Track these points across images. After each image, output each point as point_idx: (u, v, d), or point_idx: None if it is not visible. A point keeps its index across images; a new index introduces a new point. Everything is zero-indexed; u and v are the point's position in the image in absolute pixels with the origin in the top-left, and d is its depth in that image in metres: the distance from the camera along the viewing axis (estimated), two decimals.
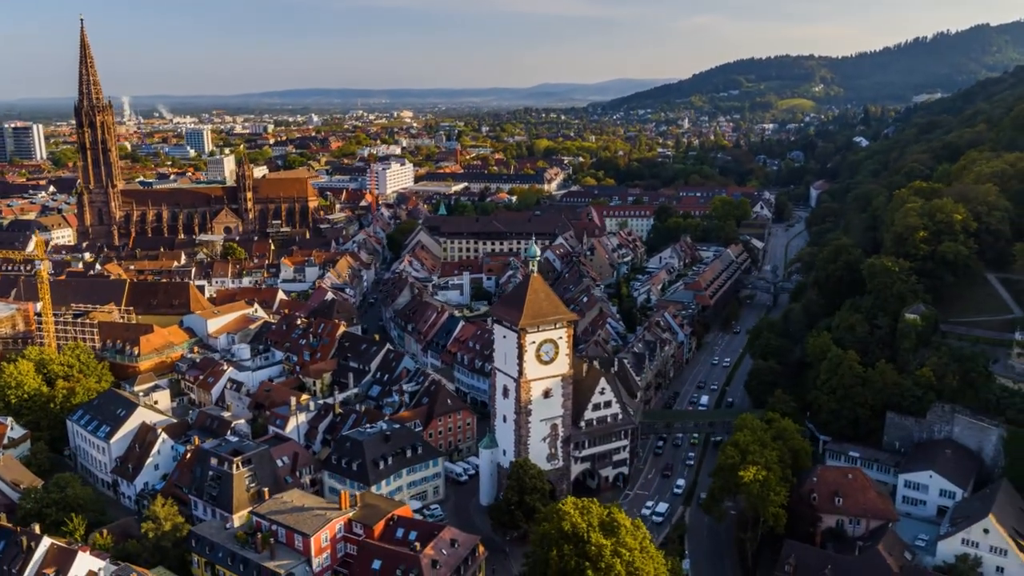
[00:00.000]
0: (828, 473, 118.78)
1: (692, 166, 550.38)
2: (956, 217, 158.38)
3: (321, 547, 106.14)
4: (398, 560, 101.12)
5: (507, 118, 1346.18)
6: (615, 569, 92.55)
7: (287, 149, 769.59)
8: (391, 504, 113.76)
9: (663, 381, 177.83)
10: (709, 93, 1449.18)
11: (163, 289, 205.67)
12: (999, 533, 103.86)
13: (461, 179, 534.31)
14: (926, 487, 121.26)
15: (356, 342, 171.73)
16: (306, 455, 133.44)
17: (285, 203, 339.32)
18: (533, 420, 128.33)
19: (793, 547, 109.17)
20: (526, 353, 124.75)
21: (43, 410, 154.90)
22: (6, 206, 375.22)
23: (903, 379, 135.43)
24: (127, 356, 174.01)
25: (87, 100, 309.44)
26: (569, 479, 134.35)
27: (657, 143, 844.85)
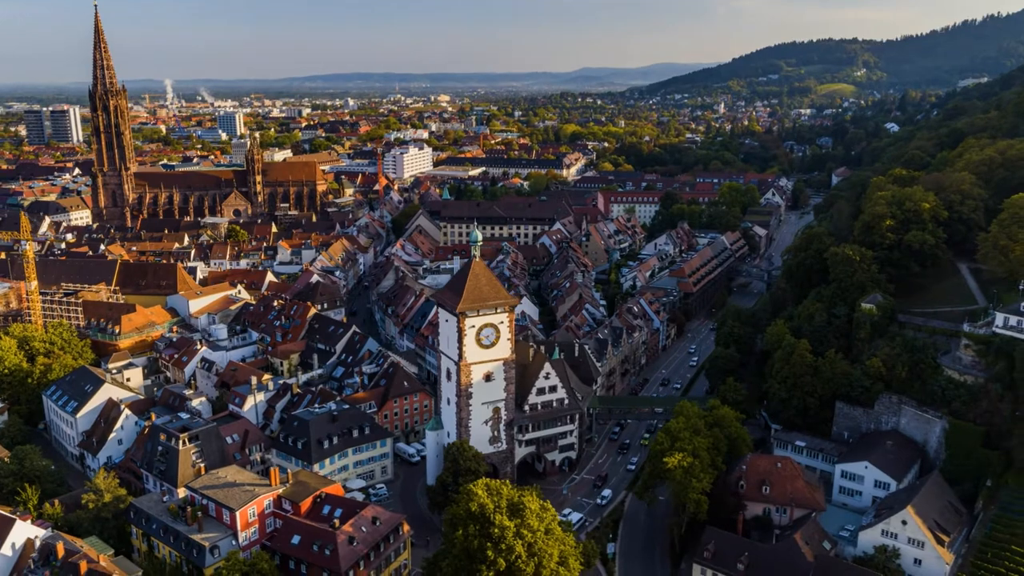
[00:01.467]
0: (758, 461, 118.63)
1: (714, 152, 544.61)
2: (924, 206, 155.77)
3: (248, 521, 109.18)
4: (315, 535, 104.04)
5: (543, 103, 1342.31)
6: (516, 550, 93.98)
7: (316, 133, 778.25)
8: (322, 482, 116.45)
9: (631, 367, 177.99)
10: (748, 77, 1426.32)
11: (152, 270, 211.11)
12: (917, 525, 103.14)
13: (482, 164, 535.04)
14: (862, 478, 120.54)
15: (325, 324, 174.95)
16: (256, 433, 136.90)
17: (294, 186, 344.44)
18: (474, 403, 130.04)
19: (713, 533, 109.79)
20: (466, 337, 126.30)
21: (22, 385, 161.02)
22: (27, 187, 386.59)
23: (852, 369, 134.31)
24: (108, 334, 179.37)
25: (101, 84, 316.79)
26: (513, 462, 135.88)
27: (688, 128, 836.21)
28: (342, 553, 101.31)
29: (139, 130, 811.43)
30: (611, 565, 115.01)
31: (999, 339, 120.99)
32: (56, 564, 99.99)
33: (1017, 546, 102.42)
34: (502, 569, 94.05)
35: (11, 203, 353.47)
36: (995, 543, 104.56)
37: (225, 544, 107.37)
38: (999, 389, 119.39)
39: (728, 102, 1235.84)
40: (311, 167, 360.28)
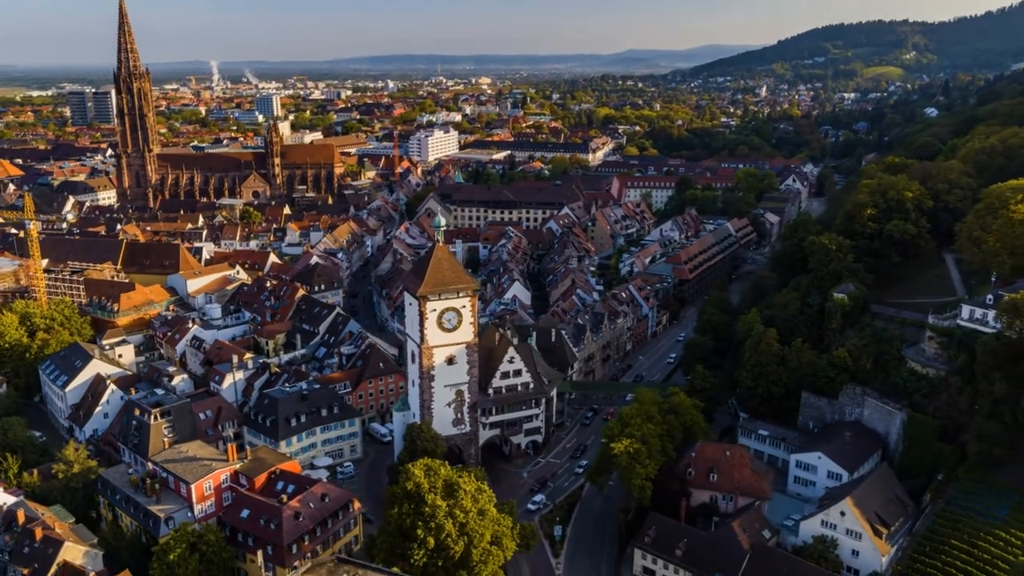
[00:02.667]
0: (707, 449, 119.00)
1: (743, 137, 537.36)
2: (907, 195, 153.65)
3: (204, 495, 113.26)
4: (263, 510, 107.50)
5: (583, 85, 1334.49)
6: (446, 529, 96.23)
7: (351, 115, 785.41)
8: (279, 458, 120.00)
9: (613, 353, 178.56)
10: (793, 60, 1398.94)
11: (156, 250, 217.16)
12: (854, 517, 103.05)
13: (509, 147, 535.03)
14: (815, 468, 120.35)
15: (312, 305, 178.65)
16: (230, 410, 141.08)
17: (312, 169, 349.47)
18: (437, 385, 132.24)
19: (655, 519, 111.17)
20: (427, 320, 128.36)
21: (21, 359, 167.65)
22: (58, 168, 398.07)
23: (818, 359, 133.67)
24: (107, 312, 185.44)
25: (125, 67, 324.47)
26: (477, 444, 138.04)
27: (725, 112, 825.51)
28: (286, 527, 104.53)
29: (179, 111, 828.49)
30: (558, 547, 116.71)
31: (960, 332, 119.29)
32: (16, 530, 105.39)
33: (957, 541, 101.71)
34: (431, 547, 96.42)
35: (41, 183, 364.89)
36: (935, 537, 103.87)
37: (180, 516, 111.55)
38: (959, 382, 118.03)
39: (771, 85, 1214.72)
40: (329, 150, 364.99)
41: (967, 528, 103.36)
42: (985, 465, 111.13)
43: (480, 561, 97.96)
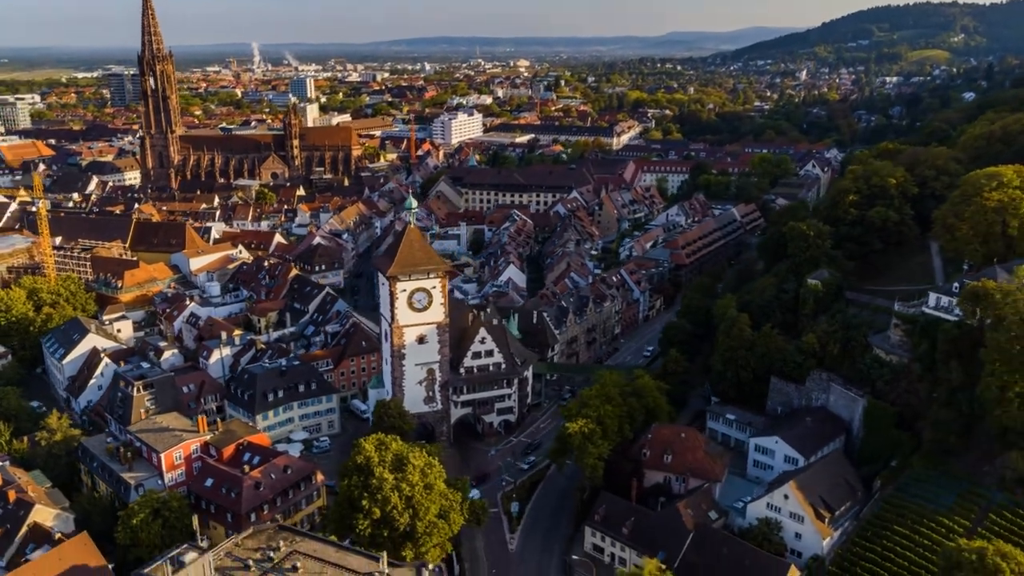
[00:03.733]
0: (662, 431, 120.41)
1: (772, 121, 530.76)
2: (891, 182, 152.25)
3: (174, 464, 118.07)
4: (225, 479, 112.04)
5: (621, 68, 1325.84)
6: (391, 501, 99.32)
7: (383, 97, 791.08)
8: (248, 431, 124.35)
9: (599, 336, 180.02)
10: (836, 43, 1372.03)
11: (163, 229, 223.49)
12: (797, 500, 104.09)
13: (534, 131, 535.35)
14: (773, 452, 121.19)
15: (303, 285, 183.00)
16: (213, 384, 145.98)
17: (330, 151, 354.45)
18: (408, 364, 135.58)
19: (605, 498, 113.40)
20: (397, 300, 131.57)
21: (26, 332, 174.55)
22: (87, 148, 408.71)
23: (787, 345, 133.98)
24: (111, 288, 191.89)
25: (148, 50, 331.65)
26: (449, 422, 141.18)
27: (760, 96, 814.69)
28: (245, 496, 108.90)
29: (215, 93, 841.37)
30: (515, 523, 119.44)
31: (924, 319, 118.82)
32: None
33: (900, 526, 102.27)
34: (377, 517, 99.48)
35: (70, 163, 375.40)
36: (879, 522, 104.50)
37: (151, 483, 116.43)
38: (919, 370, 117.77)
39: (811, 69, 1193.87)
40: (347, 132, 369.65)
41: (912, 514, 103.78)
42: (939, 453, 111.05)
43: (425, 533, 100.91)
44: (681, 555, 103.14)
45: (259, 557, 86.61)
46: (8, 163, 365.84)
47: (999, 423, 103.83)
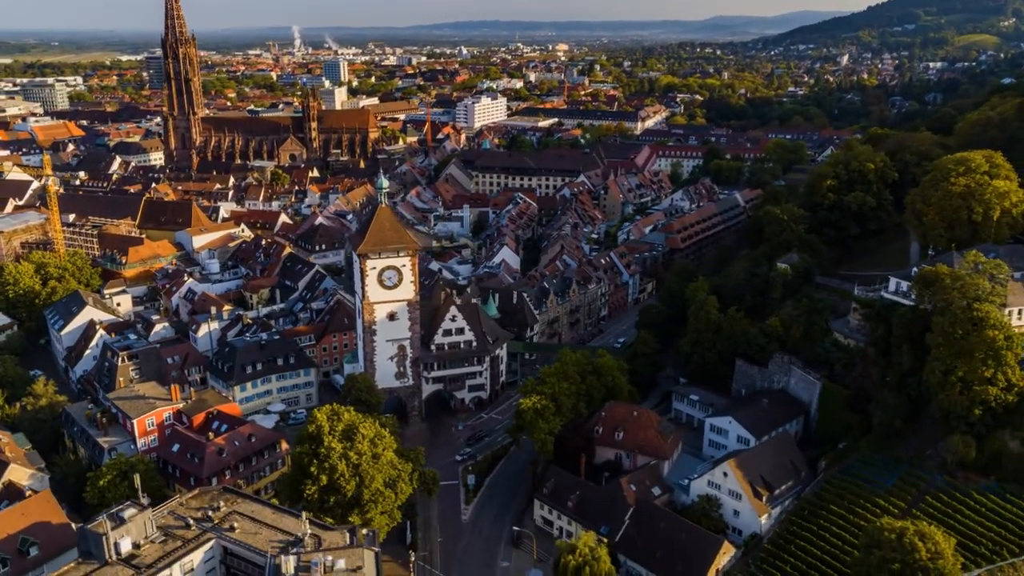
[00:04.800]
0: (616, 409, 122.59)
1: (801, 107, 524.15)
2: (869, 167, 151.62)
3: (146, 430, 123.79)
4: (190, 445, 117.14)
5: (660, 53, 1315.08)
6: (339, 469, 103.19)
7: (415, 81, 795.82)
8: (220, 400, 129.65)
9: (583, 318, 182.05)
10: (880, 27, 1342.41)
11: (171, 207, 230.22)
12: (736, 478, 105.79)
13: (560, 115, 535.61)
14: (727, 432, 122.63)
15: (295, 263, 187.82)
16: (197, 356, 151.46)
17: (347, 133, 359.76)
18: (379, 340, 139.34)
19: (553, 472, 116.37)
20: (367, 277, 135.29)
21: (32, 304, 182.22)
22: (115, 129, 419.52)
23: (751, 328, 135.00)
24: (116, 264, 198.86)
25: (172, 33, 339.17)
26: (420, 397, 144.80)
27: (795, 81, 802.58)
28: (207, 461, 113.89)
29: (251, 76, 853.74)
30: (471, 495, 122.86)
31: (881, 304, 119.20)
32: None
33: (836, 506, 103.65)
34: (324, 484, 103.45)
35: (99, 143, 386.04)
36: (818, 502, 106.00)
37: (123, 448, 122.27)
38: (874, 354, 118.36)
39: (853, 54, 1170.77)
40: (365, 115, 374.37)
41: (850, 495, 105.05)
42: (886, 436, 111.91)
43: (371, 501, 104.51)
44: (622, 529, 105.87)
45: (200, 516, 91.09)
46: (40, 143, 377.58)
47: (942, 407, 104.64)
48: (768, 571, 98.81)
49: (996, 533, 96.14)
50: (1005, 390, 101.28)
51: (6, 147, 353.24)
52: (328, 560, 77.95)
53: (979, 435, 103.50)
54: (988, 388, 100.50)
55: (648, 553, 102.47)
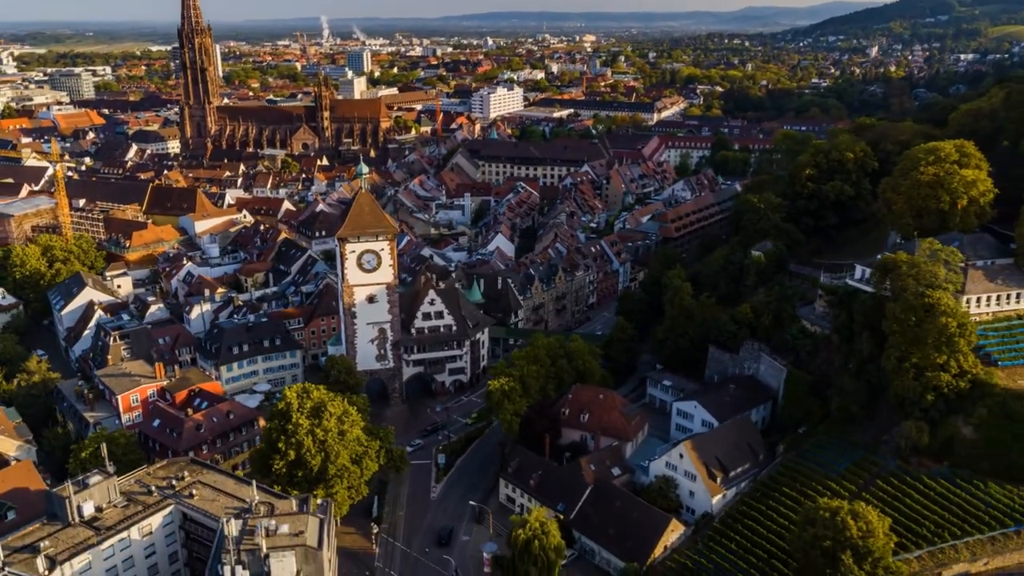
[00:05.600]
0: (582, 392, 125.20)
1: (820, 98, 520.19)
2: (848, 156, 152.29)
3: (131, 406, 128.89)
4: (169, 420, 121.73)
5: (687, 44, 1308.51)
6: (305, 445, 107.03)
7: (437, 72, 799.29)
8: (203, 379, 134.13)
9: (570, 305, 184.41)
10: (912, 18, 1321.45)
11: (176, 193, 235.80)
12: (691, 460, 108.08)
13: (577, 106, 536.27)
14: (692, 416, 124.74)
15: (290, 248, 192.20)
16: (187, 337, 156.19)
17: (359, 123, 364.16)
18: (359, 322, 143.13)
19: (518, 452, 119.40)
20: (347, 260, 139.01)
21: (37, 286, 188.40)
22: (134, 118, 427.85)
23: (722, 314, 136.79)
24: (120, 247, 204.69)
25: (188, 23, 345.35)
26: (401, 379, 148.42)
27: (820, 72, 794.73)
28: (185, 436, 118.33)
29: (276, 67, 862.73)
30: (441, 474, 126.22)
31: (844, 291, 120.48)
32: None
33: (788, 488, 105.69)
34: (291, 459, 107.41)
35: (118, 132, 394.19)
36: (771, 484, 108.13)
37: (108, 422, 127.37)
38: (837, 341, 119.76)
39: (883, 45, 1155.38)
40: (376, 105, 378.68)
41: (803, 478, 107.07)
42: (844, 422, 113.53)
43: (336, 476, 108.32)
44: (578, 507, 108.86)
45: (163, 485, 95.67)
46: (61, 131, 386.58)
47: (897, 393, 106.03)
48: (714, 548, 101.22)
49: (940, 516, 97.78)
50: (958, 376, 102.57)
51: (29, 134, 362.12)
52: (272, 525, 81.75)
53: (933, 421, 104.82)
54: (940, 374, 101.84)
55: (602, 530, 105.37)
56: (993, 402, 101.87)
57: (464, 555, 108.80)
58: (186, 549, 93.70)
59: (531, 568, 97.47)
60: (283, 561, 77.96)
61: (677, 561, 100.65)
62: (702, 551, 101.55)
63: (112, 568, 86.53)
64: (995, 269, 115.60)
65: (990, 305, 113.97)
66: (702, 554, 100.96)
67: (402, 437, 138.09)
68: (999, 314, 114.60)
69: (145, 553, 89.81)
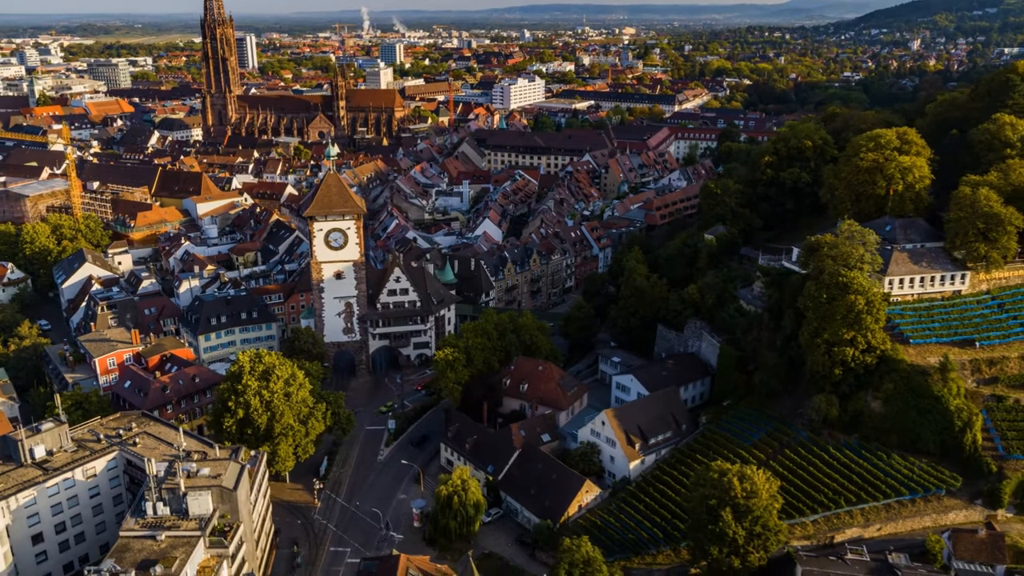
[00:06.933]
0: (524, 364, 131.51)
1: (844, 91, 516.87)
2: (807, 144, 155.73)
3: (107, 368, 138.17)
4: (138, 381, 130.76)
5: (726, 37, 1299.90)
6: (252, 405, 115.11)
7: (468, 63, 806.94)
8: (176, 345, 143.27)
9: (546, 287, 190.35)
10: (959, 11, 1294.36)
11: (184, 177, 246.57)
12: (611, 427, 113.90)
13: (599, 98, 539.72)
14: (629, 388, 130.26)
15: (280, 229, 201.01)
16: (172, 308, 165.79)
17: (374, 112, 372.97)
18: (327, 297, 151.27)
19: (458, 418, 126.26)
20: (315, 238, 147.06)
21: (45, 261, 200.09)
22: (161, 106, 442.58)
23: (670, 295, 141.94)
24: (125, 227, 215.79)
25: (210, 14, 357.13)
26: (367, 351, 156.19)
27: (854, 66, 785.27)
28: (151, 396, 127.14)
29: (311, 58, 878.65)
30: (390, 439, 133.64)
31: (777, 272, 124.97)
32: None
33: (701, 455, 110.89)
34: (240, 417, 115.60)
35: (145, 119, 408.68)
36: (687, 451, 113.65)
37: (87, 383, 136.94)
38: (768, 319, 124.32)
39: (926, 39, 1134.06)
40: (391, 94, 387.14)
41: (717, 445, 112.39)
42: (766, 395, 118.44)
43: (281, 434, 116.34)
44: (506, 469, 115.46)
45: (112, 434, 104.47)
46: (91, 118, 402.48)
47: (811, 368, 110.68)
48: (624, 508, 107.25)
49: (839, 484, 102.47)
50: (865, 352, 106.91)
51: (60, 121, 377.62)
52: (194, 468, 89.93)
53: (844, 395, 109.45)
54: (847, 350, 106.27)
55: (525, 490, 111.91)
56: (899, 377, 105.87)
57: (398, 511, 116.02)
58: (131, 492, 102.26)
59: (451, 521, 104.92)
60: (199, 499, 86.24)
61: (588, 519, 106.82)
62: (613, 511, 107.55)
63: (57, 505, 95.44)
64: (921, 252, 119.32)
65: (914, 287, 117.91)
66: (612, 513, 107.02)
67: (366, 406, 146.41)
68: (924, 296, 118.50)
69: (90, 494, 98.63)
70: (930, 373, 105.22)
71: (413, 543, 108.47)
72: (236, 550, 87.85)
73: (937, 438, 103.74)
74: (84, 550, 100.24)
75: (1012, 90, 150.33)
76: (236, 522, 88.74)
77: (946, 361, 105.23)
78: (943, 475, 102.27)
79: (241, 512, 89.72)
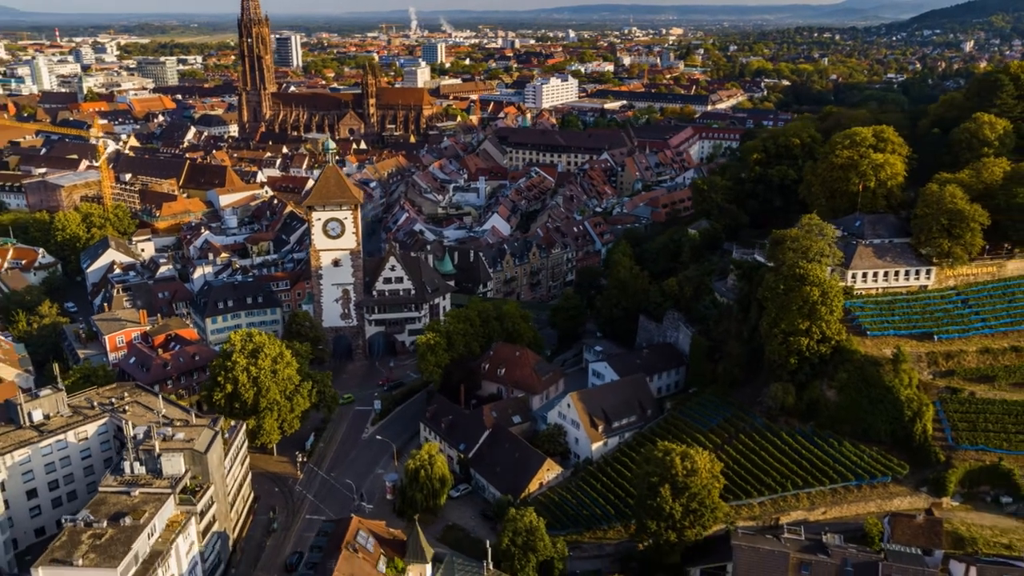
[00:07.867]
0: (502, 349, 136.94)
1: (881, 92, 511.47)
2: (794, 141, 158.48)
3: (116, 346, 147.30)
4: (141, 357, 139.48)
5: (774, 37, 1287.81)
6: (240, 380, 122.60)
7: (508, 63, 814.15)
8: (181, 326, 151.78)
9: (546, 280, 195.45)
10: (1017, 11, 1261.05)
11: (210, 170, 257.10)
12: (576, 410, 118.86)
13: (633, 98, 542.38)
14: (603, 375, 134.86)
15: (294, 220, 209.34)
16: (184, 291, 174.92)
17: (402, 110, 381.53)
18: (325, 283, 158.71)
19: (437, 399, 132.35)
20: (313, 227, 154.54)
21: (74, 247, 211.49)
22: (200, 103, 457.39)
23: (651, 287, 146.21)
24: (151, 216, 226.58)
25: (246, 14, 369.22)
26: (364, 336, 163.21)
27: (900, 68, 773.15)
28: (152, 372, 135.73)
29: (354, 57, 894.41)
30: (376, 419, 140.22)
31: (748, 265, 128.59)
32: None
33: (660, 439, 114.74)
34: (228, 392, 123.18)
35: (185, 116, 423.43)
36: (649, 434, 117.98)
37: (97, 359, 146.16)
38: (737, 310, 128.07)
39: (980, 40, 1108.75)
40: (419, 93, 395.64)
41: (677, 430, 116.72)
42: (729, 384, 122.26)
43: (266, 409, 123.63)
44: (476, 447, 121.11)
45: (105, 402, 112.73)
46: (135, 114, 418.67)
47: (770, 357, 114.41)
48: (582, 486, 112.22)
49: (787, 468, 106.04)
50: (820, 342, 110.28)
51: (104, 116, 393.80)
52: (169, 432, 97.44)
53: (800, 384, 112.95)
54: (802, 339, 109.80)
55: (491, 468, 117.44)
56: (853, 367, 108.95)
57: (373, 484, 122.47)
58: (120, 456, 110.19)
59: (418, 494, 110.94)
60: (172, 460, 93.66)
61: (548, 496, 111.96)
62: (572, 488, 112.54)
63: (50, 464, 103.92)
64: (886, 247, 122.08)
65: (878, 281, 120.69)
66: (570, 491, 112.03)
67: (359, 389, 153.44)
68: (889, 290, 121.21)
69: (81, 455, 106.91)
70: (883, 364, 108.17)
71: (383, 514, 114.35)
72: (206, 509, 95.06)
73: (888, 427, 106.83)
74: (77, 507, 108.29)
75: (1000, 90, 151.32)
76: (207, 483, 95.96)
77: (899, 352, 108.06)
78: (891, 463, 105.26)
79: (213, 475, 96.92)
